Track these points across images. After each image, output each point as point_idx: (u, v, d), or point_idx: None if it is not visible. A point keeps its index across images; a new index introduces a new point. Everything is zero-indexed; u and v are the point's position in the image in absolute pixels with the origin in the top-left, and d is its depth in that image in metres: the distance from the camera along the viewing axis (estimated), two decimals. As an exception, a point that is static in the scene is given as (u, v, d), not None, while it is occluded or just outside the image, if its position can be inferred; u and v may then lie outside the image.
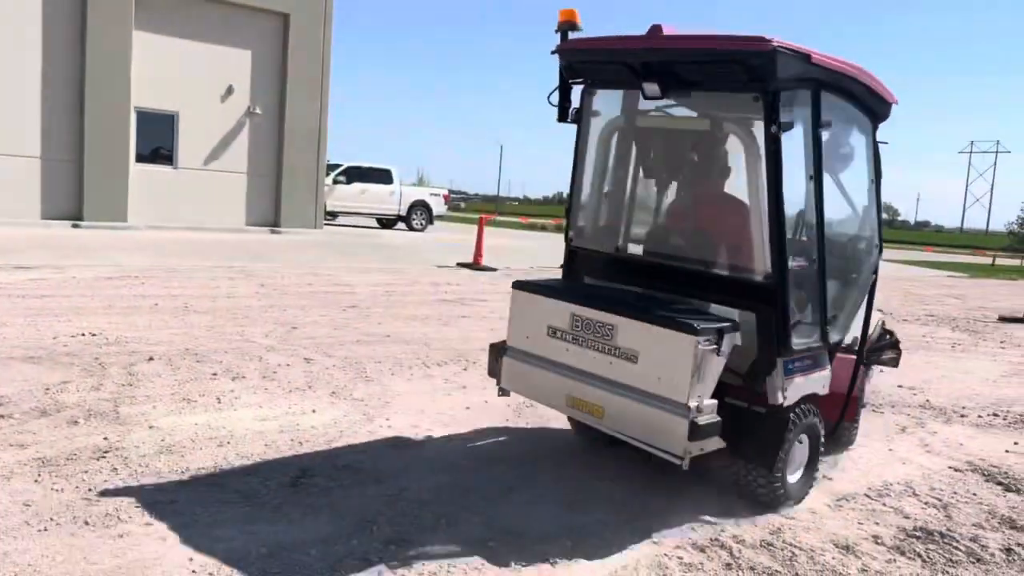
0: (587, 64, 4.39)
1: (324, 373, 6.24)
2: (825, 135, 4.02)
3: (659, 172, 4.63)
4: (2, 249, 12.01)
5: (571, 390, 4.04)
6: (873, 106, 4.47)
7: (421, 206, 25.48)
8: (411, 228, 25.03)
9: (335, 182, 23.33)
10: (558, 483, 4.29)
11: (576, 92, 4.50)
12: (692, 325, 3.62)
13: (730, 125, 4.26)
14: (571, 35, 4.28)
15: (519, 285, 4.36)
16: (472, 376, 6.54)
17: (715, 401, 3.72)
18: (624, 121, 4.60)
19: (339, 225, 24.29)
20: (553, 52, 4.35)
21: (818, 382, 4.26)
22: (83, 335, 6.90)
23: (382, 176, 24.77)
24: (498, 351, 4.51)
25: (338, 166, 23.92)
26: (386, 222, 25.64)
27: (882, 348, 5.13)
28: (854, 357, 4.69)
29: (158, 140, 18.26)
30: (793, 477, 4.21)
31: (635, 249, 4.59)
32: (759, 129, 3.86)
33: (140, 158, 17.87)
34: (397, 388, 5.99)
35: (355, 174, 24.18)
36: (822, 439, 4.37)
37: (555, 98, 4.50)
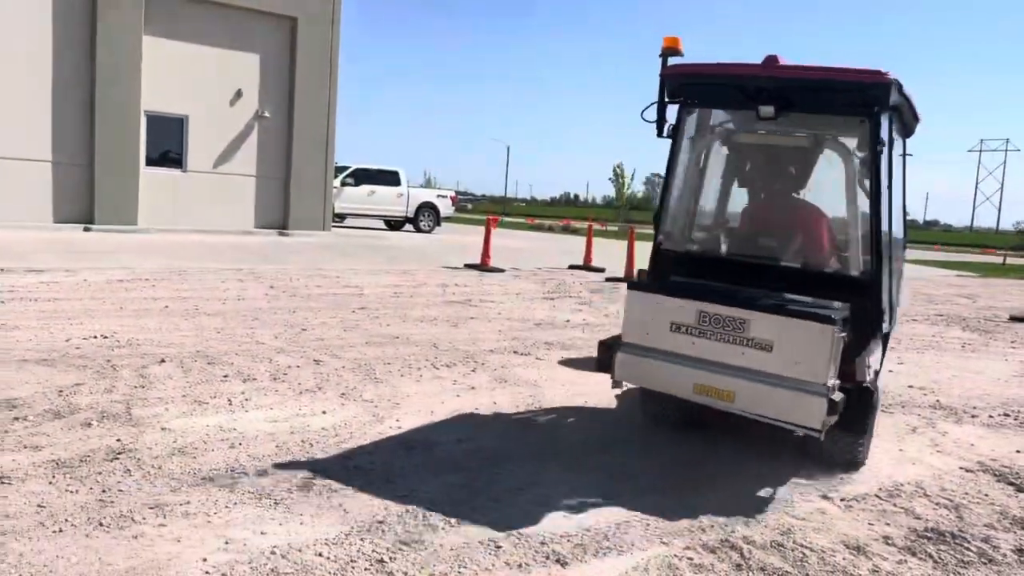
0: (695, 87, 4.92)
1: (334, 375, 6.27)
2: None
3: (754, 182, 5.22)
4: (15, 252, 12.09)
5: (698, 379, 4.45)
6: (908, 123, 5.23)
7: (429, 208, 25.55)
8: (418, 230, 25.09)
9: (343, 184, 23.41)
10: (567, 483, 4.30)
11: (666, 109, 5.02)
12: (830, 316, 4.16)
13: (829, 142, 4.84)
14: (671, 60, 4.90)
15: (635, 286, 4.76)
16: (481, 377, 6.56)
17: (838, 381, 4.26)
18: (720, 137, 5.19)
19: (347, 227, 24.36)
20: (661, 75, 4.90)
21: (880, 360, 5.05)
22: (95, 338, 6.95)
23: (390, 178, 24.85)
24: (610, 347, 4.84)
25: (346, 168, 24.00)
26: (394, 224, 25.71)
27: None
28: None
29: (168, 143, 18.36)
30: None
31: (730, 250, 5.17)
32: (854, 145, 4.65)
33: (150, 161, 17.97)
34: (406, 389, 6.01)
35: (363, 176, 24.28)
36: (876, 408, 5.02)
37: (650, 115, 5.02)
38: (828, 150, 4.83)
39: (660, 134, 5.00)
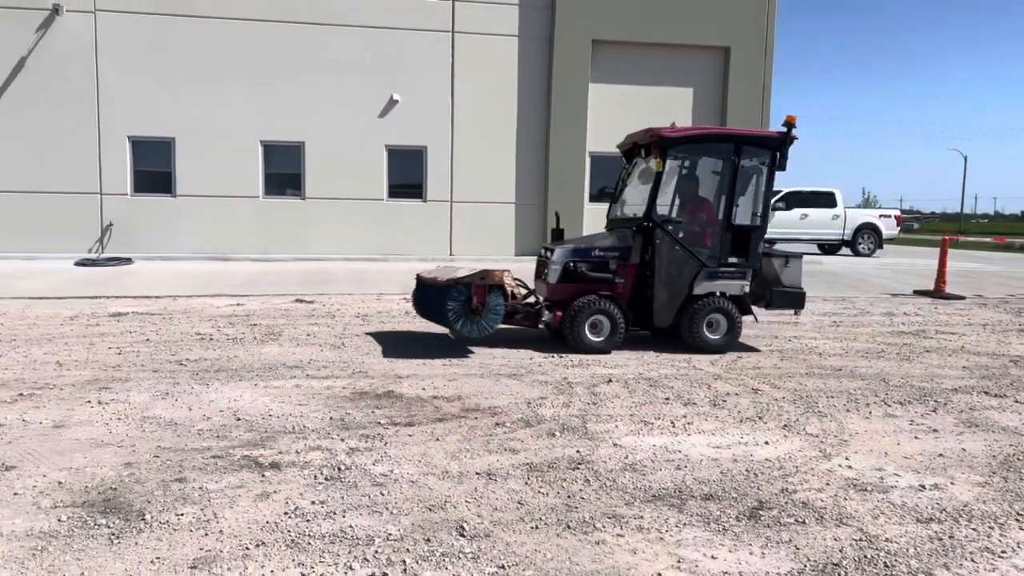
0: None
1: (773, 405, 6.12)
2: None
3: None
4: (487, 282, 14.18)
5: None
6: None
7: (869, 229, 23.68)
8: (856, 253, 23.38)
9: (774, 208, 22.87)
10: (1070, 556, 3.58)
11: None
12: None
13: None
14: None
15: None
16: (944, 419, 5.82)
17: None
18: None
19: (777, 253, 23.66)
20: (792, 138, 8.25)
21: None
22: (552, 356, 7.79)
23: (824, 200, 23.66)
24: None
25: (778, 192, 23.44)
26: (828, 247, 24.31)
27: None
28: None
29: (604, 180, 19.93)
30: None
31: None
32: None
33: (591, 197, 19.71)
34: (854, 426, 5.60)
35: (795, 199, 23.47)
36: None
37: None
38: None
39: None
